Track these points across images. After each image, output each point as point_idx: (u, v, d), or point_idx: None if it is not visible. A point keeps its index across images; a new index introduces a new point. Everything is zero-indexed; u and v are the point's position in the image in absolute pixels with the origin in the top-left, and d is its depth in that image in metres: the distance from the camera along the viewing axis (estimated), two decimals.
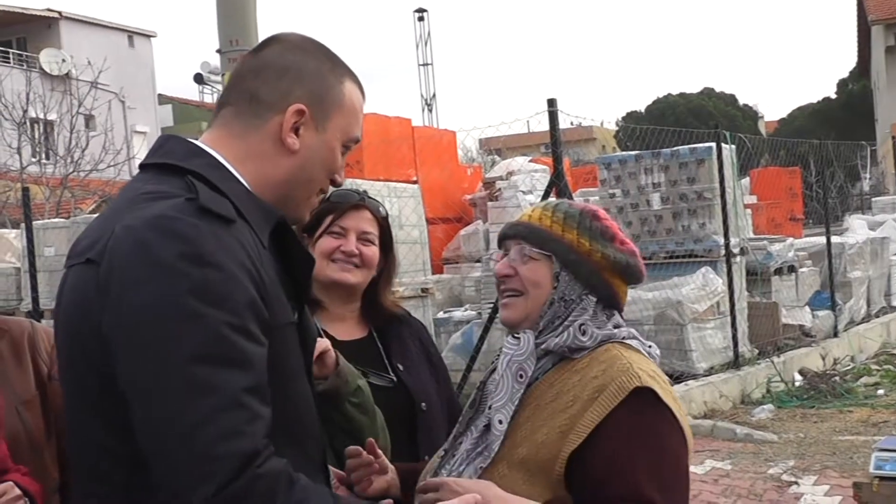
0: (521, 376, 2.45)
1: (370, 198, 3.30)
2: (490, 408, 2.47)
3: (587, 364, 2.44)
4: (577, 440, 2.31)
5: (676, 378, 11.86)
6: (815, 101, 63.13)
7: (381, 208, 3.32)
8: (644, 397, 2.34)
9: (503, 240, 2.62)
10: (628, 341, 2.51)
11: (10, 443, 3.10)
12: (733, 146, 14.24)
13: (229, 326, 1.90)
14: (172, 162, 2.13)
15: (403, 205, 12.75)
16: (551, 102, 10.16)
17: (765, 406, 11.39)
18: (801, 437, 9.90)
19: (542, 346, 2.48)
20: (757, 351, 13.39)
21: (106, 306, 1.94)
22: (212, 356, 1.88)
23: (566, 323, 2.48)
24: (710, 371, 12.33)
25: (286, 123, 2.17)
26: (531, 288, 2.52)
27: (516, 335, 2.51)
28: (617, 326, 2.54)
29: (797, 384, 12.69)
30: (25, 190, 14.37)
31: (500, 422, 2.43)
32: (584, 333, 2.47)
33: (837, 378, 12.89)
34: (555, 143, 10.14)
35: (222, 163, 2.15)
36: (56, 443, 3.34)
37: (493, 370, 2.57)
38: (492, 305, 10.91)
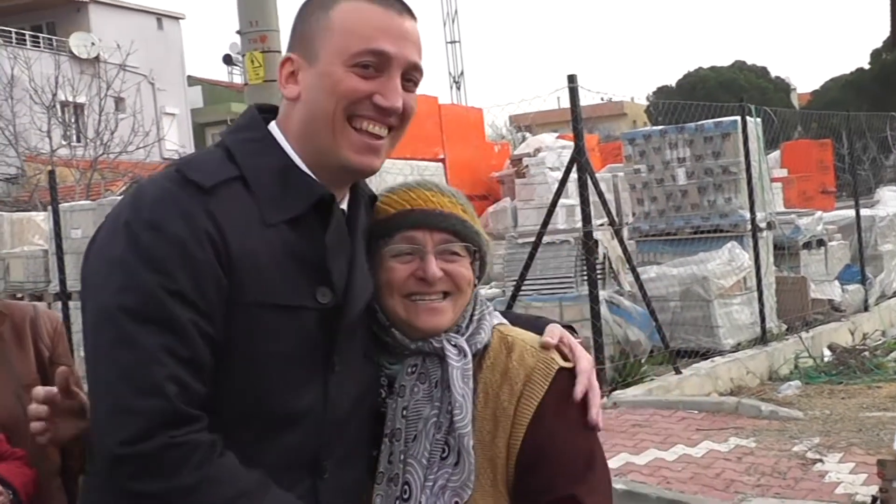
0: (471, 389, 2.23)
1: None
2: (453, 432, 2.20)
3: (494, 358, 2.29)
4: (516, 444, 2.21)
5: (703, 354, 11.78)
6: (848, 72, 62.40)
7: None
8: (561, 380, 2.25)
9: (409, 229, 2.29)
10: (500, 321, 2.38)
11: (10, 426, 3.09)
12: (758, 119, 14.10)
13: (162, 288, 1.93)
14: (224, 133, 2.22)
15: None
16: (571, 78, 10.09)
17: (792, 382, 11.29)
18: (827, 413, 9.79)
19: (471, 351, 2.27)
20: (785, 326, 13.28)
21: None
22: (139, 313, 1.92)
23: (475, 318, 2.32)
24: (737, 347, 12.24)
25: (281, 78, 2.18)
26: (465, 288, 2.29)
27: (453, 343, 2.25)
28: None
29: (826, 360, 12.57)
30: (52, 172, 14.42)
31: (474, 447, 2.20)
32: (490, 328, 2.32)
33: (867, 353, 12.75)
34: (575, 118, 10.06)
35: (270, 136, 2.17)
36: None
37: (398, 393, 2.27)
38: (514, 283, 10.87)
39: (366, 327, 2.25)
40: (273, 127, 2.19)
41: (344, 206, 2.23)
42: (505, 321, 2.41)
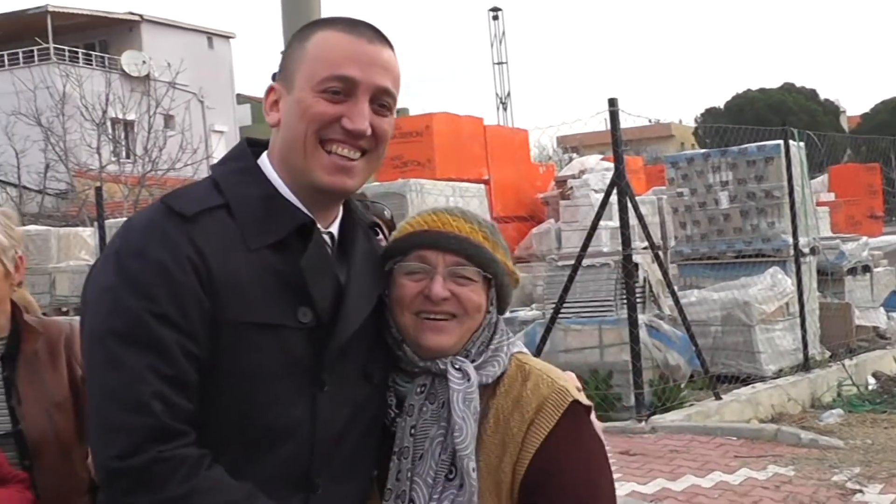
0: (475, 412, 2.27)
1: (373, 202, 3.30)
2: (456, 453, 2.26)
3: (508, 385, 2.34)
4: (522, 469, 2.27)
5: (744, 380, 11.68)
6: None
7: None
8: (574, 412, 2.30)
9: (422, 248, 2.36)
10: (520, 349, 2.43)
11: (39, 442, 3.14)
12: (801, 143, 14.01)
13: (147, 312, 2.04)
14: (214, 165, 2.35)
15: (468, 204, 12.79)
16: (612, 102, 10.08)
17: (834, 411, 11.15)
18: (868, 443, 9.66)
19: (482, 381, 2.31)
20: (828, 353, 13.14)
21: None
22: (126, 335, 2.03)
23: (491, 347, 2.36)
24: (779, 373, 12.13)
25: (265, 106, 2.31)
26: (473, 312, 2.33)
27: (457, 366, 2.30)
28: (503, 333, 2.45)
29: (870, 388, 12.42)
30: (98, 189, 14.61)
31: (474, 469, 2.24)
32: (508, 358, 2.36)
33: None
34: (615, 142, 10.06)
35: (256, 166, 2.28)
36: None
37: (407, 412, 2.32)
38: (554, 305, 10.84)
39: (368, 347, 2.30)
40: (263, 158, 2.29)
41: (334, 229, 2.31)
42: (525, 350, 2.46)
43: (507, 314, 13.69)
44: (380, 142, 2.25)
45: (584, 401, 2.34)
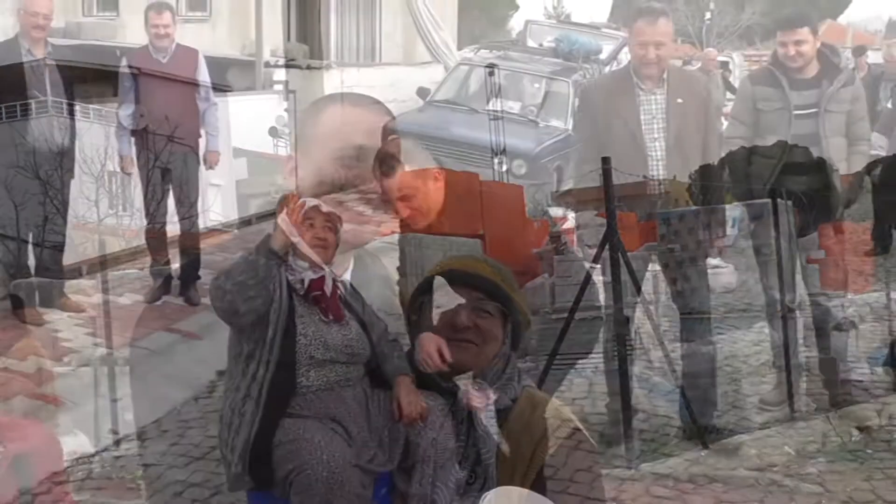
0: (493, 427, 2.61)
1: None
2: (481, 461, 2.61)
3: (519, 412, 2.66)
4: (528, 483, 2.58)
5: (731, 431, 11.85)
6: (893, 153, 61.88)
7: None
8: (574, 436, 2.63)
9: (452, 285, 2.74)
10: (530, 384, 2.76)
11: None
12: (789, 202, 14.24)
13: None
14: None
15: None
16: (605, 160, 10.34)
17: (817, 460, 11.34)
18: (849, 489, 9.84)
19: (497, 405, 2.64)
20: (814, 406, 13.31)
21: None
22: None
23: (504, 377, 2.69)
24: (766, 425, 12.30)
25: (285, 173, 2.87)
26: (490, 341, 2.70)
27: (476, 388, 2.64)
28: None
29: (853, 439, 12.59)
30: (100, 242, 14.83)
31: (494, 470, 2.60)
32: (521, 389, 2.70)
33: None
34: (608, 199, 10.28)
35: None
36: None
37: (437, 427, 2.66)
38: (546, 357, 11.04)
39: None
40: None
41: (347, 276, 2.72)
42: (534, 385, 2.81)
43: None
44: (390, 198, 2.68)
45: (579, 424, 2.67)
